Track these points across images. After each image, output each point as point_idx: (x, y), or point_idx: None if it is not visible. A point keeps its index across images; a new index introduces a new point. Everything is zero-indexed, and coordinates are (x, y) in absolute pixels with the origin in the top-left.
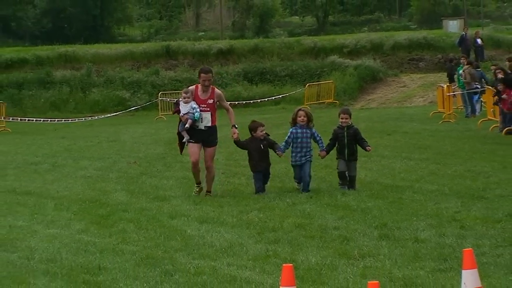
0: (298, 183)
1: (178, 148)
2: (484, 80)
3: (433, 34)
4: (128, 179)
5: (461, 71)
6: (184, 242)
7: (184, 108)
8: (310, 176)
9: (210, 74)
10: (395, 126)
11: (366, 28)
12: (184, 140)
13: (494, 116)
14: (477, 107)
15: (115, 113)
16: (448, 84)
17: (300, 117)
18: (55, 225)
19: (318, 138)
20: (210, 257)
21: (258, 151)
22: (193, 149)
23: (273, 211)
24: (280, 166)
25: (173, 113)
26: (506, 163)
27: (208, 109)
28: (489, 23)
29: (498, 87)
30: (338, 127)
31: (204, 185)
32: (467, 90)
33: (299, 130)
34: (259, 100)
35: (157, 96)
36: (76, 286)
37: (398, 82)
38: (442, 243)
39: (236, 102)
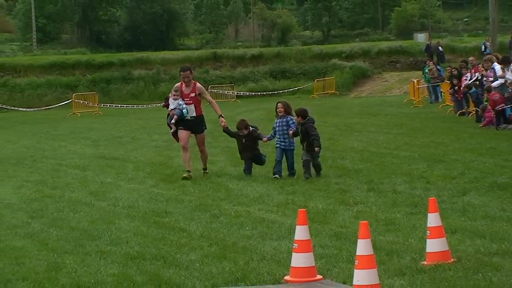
0: (275, 174)
1: (173, 138)
2: (442, 74)
3: (406, 43)
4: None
5: (427, 70)
6: (227, 193)
7: (172, 104)
8: (293, 162)
9: (188, 72)
10: (379, 110)
11: (358, 39)
12: (171, 130)
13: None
14: (439, 95)
15: None
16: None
17: (278, 108)
18: (134, 181)
19: (291, 123)
20: (245, 204)
21: (241, 144)
22: (182, 135)
23: None
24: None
25: (163, 107)
26: (459, 136)
27: (191, 101)
28: (447, 35)
29: (454, 82)
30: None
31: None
32: (431, 84)
33: (278, 121)
34: (281, 91)
35: (208, 89)
36: (148, 226)
37: (381, 78)
38: (413, 194)
39: (264, 93)
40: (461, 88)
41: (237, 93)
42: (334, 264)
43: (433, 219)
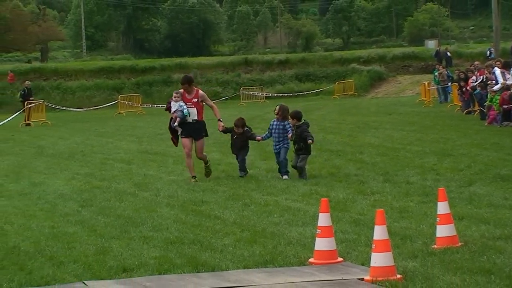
0: (283, 175)
1: (173, 142)
2: (451, 78)
3: (418, 49)
4: (220, 143)
5: (436, 73)
6: (257, 184)
7: (174, 106)
8: (285, 159)
9: (186, 85)
10: (393, 109)
11: (374, 46)
12: (179, 133)
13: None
14: (448, 96)
15: (212, 101)
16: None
17: (275, 110)
18: (173, 174)
19: (288, 127)
20: (274, 194)
21: (232, 140)
22: (185, 142)
23: (314, 164)
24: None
25: (165, 110)
26: (466, 132)
27: (193, 106)
28: (454, 42)
29: (461, 84)
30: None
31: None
32: (441, 85)
33: (275, 123)
34: (305, 93)
35: (240, 90)
36: (186, 213)
37: (395, 80)
38: (424, 185)
39: (291, 94)
40: (468, 89)
41: (266, 94)
42: (354, 248)
43: (442, 207)
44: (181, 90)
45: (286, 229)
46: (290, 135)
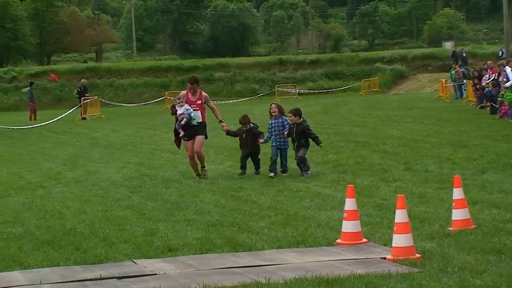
0: (271, 172)
1: (175, 144)
2: (466, 76)
3: (436, 50)
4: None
5: (453, 71)
6: (290, 172)
7: (180, 110)
8: (286, 160)
9: (195, 85)
10: (414, 104)
11: (396, 47)
12: (180, 135)
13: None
14: (463, 92)
15: (249, 97)
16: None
17: (272, 109)
18: (215, 162)
19: (286, 123)
20: (305, 181)
21: (242, 140)
22: (188, 145)
23: (342, 154)
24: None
25: (172, 114)
26: (479, 125)
27: (198, 108)
28: (469, 43)
29: (475, 81)
30: (291, 123)
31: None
32: (457, 83)
33: (273, 121)
34: (334, 90)
35: (275, 87)
36: (226, 198)
37: (416, 78)
38: (441, 173)
39: (321, 91)
40: (481, 87)
41: (298, 91)
42: (377, 230)
43: (457, 193)
44: (184, 92)
45: (316, 212)
46: (286, 133)
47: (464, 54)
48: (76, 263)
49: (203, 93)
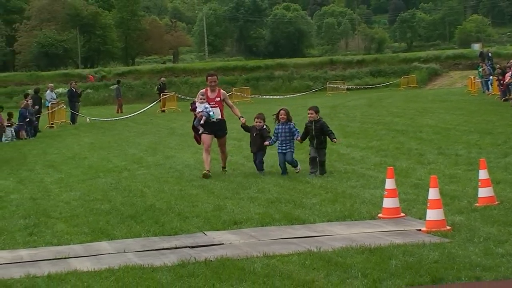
0: (282, 172)
1: (195, 140)
2: (491, 73)
3: (466, 51)
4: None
5: (480, 69)
6: (339, 157)
7: (199, 107)
8: (292, 161)
9: (215, 77)
10: (446, 98)
11: (432, 48)
12: (200, 132)
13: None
14: (489, 87)
15: (305, 92)
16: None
17: (281, 115)
18: (274, 148)
19: (294, 130)
20: (351, 164)
21: (252, 138)
22: (206, 138)
23: (383, 141)
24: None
25: (191, 111)
26: (503, 115)
27: (217, 105)
28: (495, 45)
29: (499, 77)
30: (308, 121)
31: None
32: (484, 79)
33: (280, 126)
34: (377, 85)
35: (326, 84)
36: (283, 179)
37: (448, 75)
38: (470, 156)
39: (366, 86)
40: (505, 82)
41: (347, 87)
42: (413, 206)
43: (483, 174)
44: (203, 90)
45: (360, 191)
46: (299, 138)
47: (490, 54)
48: (155, 234)
49: (222, 90)
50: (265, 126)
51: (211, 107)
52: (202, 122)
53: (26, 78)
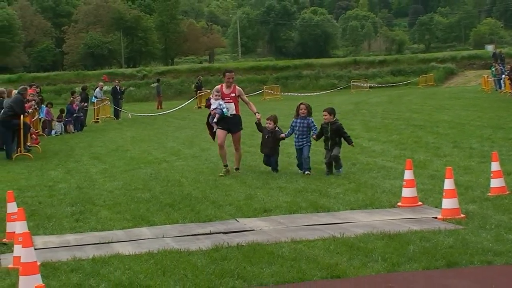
0: (299, 168)
1: (210, 137)
2: (503, 72)
3: (480, 52)
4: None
5: (493, 69)
6: (361, 149)
7: (214, 104)
8: (308, 157)
9: (233, 73)
10: (462, 95)
11: (448, 49)
12: (214, 130)
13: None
14: (502, 85)
15: (330, 90)
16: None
17: (301, 109)
18: None
19: (312, 126)
20: (373, 156)
21: (263, 139)
22: (220, 134)
23: (403, 135)
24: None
25: (205, 107)
26: None
27: (231, 101)
28: (506, 46)
29: (511, 76)
30: (324, 122)
31: (233, 165)
32: (496, 78)
33: (298, 121)
34: (398, 84)
35: (350, 82)
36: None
37: (463, 74)
38: (483, 149)
39: (387, 85)
40: None
41: (369, 85)
42: (430, 195)
43: (495, 166)
44: (218, 86)
45: (381, 181)
46: (315, 136)
47: (502, 55)
48: (191, 221)
49: (237, 87)
50: (277, 128)
51: (225, 102)
52: (215, 120)
53: (73, 77)
